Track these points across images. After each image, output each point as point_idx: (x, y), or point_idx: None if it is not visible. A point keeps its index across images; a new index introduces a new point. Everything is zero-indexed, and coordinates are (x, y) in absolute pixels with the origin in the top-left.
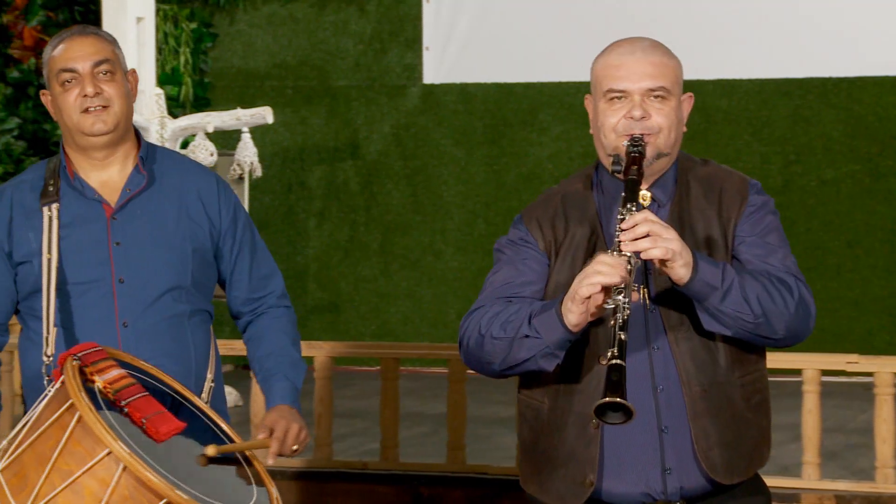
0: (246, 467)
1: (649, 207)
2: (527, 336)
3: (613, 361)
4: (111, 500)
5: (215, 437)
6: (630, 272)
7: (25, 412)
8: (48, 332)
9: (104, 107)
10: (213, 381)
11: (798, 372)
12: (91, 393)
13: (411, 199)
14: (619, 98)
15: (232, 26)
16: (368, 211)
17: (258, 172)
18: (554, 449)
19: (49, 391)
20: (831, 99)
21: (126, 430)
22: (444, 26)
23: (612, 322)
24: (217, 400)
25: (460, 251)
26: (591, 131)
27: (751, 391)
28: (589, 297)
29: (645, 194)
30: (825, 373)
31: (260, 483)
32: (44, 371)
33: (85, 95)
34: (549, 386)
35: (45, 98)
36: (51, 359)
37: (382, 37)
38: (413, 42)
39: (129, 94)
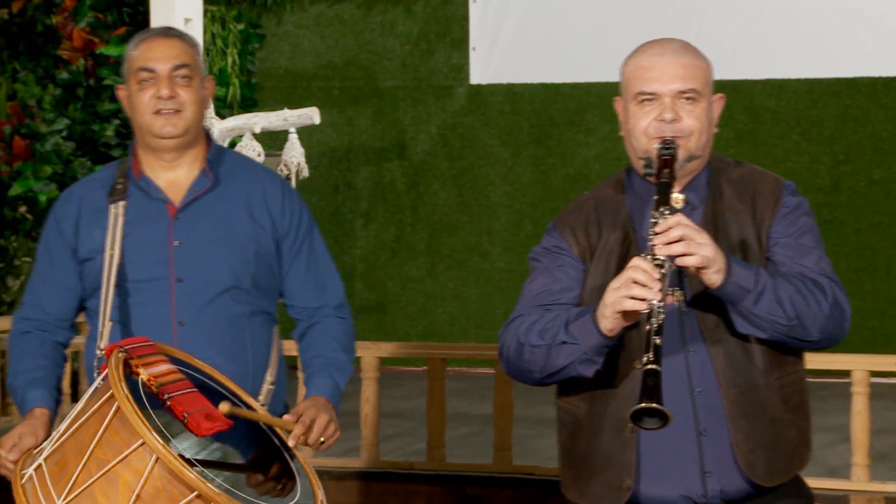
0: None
1: (682, 210)
2: (564, 342)
3: (649, 366)
4: (144, 490)
5: (264, 437)
6: (664, 276)
7: None
8: (103, 327)
9: (176, 111)
10: (272, 384)
11: (847, 373)
12: (135, 386)
13: (458, 200)
14: (649, 100)
15: (279, 27)
16: (415, 211)
17: (305, 173)
18: (591, 454)
19: (96, 383)
20: (881, 98)
21: (166, 424)
22: (491, 27)
23: (648, 327)
24: (276, 402)
25: (507, 251)
26: (621, 133)
27: (789, 393)
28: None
29: (678, 197)
30: (874, 374)
31: (307, 486)
32: (95, 364)
33: (159, 97)
34: (586, 391)
35: (122, 93)
36: (102, 352)
37: (429, 37)
38: (460, 42)
39: (203, 100)
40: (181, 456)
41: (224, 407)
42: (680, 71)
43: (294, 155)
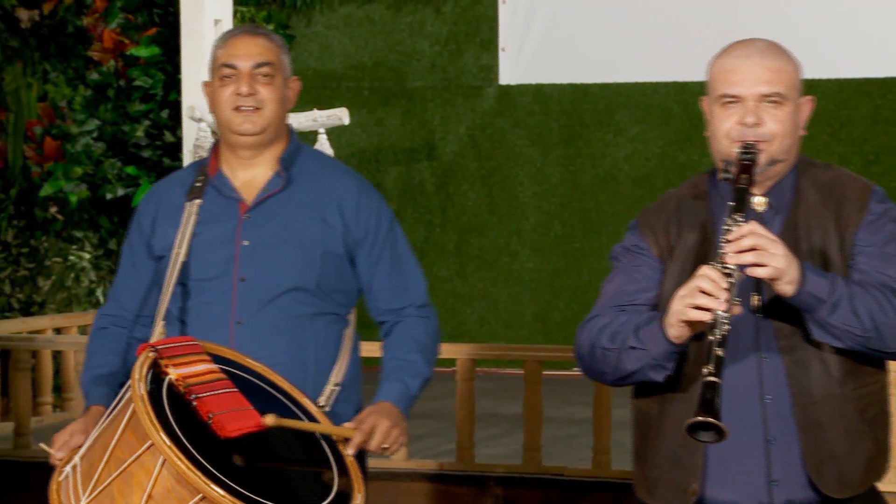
0: (335, 472)
1: (764, 214)
2: (633, 347)
3: (708, 378)
4: (155, 490)
5: (314, 439)
6: (731, 286)
7: None
8: (156, 326)
9: (256, 108)
10: (336, 385)
11: None
12: (160, 385)
13: (487, 200)
14: (732, 103)
15: (309, 28)
16: (444, 212)
17: None
18: (661, 455)
19: (128, 384)
20: None
21: (191, 425)
22: (520, 27)
23: (710, 338)
24: (343, 404)
25: (536, 252)
26: (705, 134)
27: (866, 403)
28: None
29: (761, 200)
30: None
31: (346, 489)
32: None
33: (239, 94)
34: (658, 392)
35: (207, 89)
36: None
37: (458, 38)
38: (489, 43)
39: (285, 100)
40: (195, 457)
41: (270, 419)
42: (764, 74)
43: None
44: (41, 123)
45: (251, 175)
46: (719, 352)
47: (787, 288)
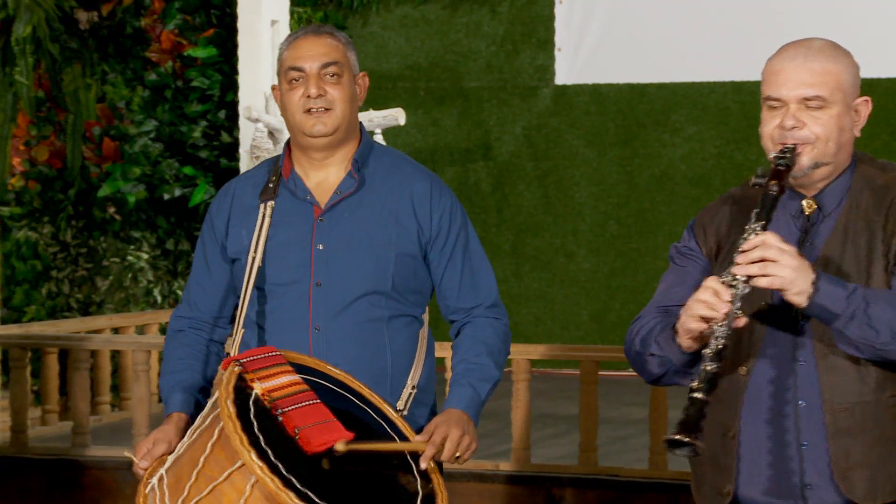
0: (418, 481)
1: (814, 217)
2: (653, 354)
3: (694, 394)
4: None
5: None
6: (736, 297)
7: None
8: (236, 333)
9: (326, 109)
10: (413, 388)
11: None
12: (247, 400)
13: (543, 201)
14: (776, 106)
15: (365, 28)
16: (500, 212)
17: None
18: (702, 457)
19: (215, 395)
20: None
21: (278, 440)
22: (577, 27)
23: (706, 351)
24: (421, 406)
25: (592, 252)
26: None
27: None
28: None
29: (810, 202)
30: None
31: (430, 493)
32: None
33: (308, 96)
34: None
35: (275, 93)
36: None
37: (514, 38)
38: (545, 43)
39: (355, 98)
40: (284, 476)
41: (340, 446)
42: (807, 77)
43: None
44: (100, 124)
45: (324, 176)
46: (710, 367)
47: (797, 299)
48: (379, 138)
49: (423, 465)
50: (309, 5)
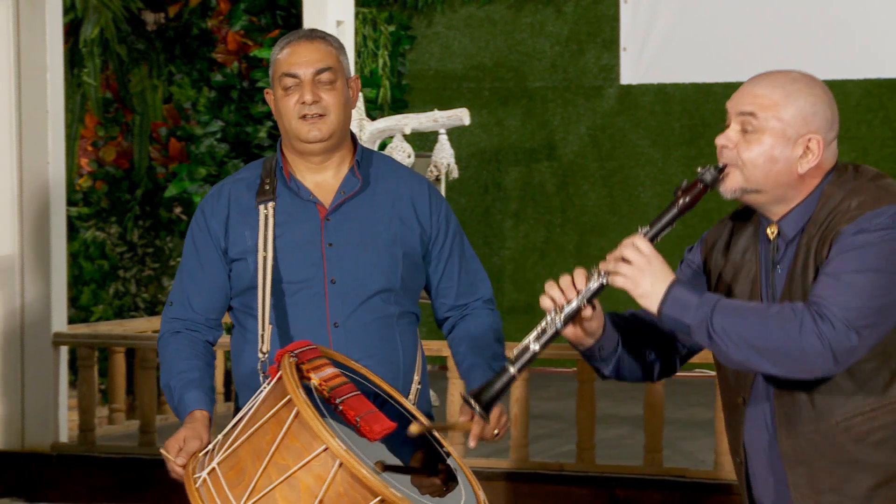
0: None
1: (776, 243)
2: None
3: (508, 367)
4: (326, 495)
5: (420, 438)
6: (590, 290)
7: (237, 408)
8: (263, 330)
9: (321, 115)
10: (419, 383)
11: None
12: (307, 390)
13: (608, 201)
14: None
15: (430, 28)
16: (564, 212)
17: (455, 174)
18: (723, 398)
19: (265, 387)
20: None
21: (340, 428)
22: (642, 26)
23: (540, 328)
24: (423, 401)
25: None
26: None
27: (865, 431)
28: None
29: (773, 228)
30: None
31: (468, 485)
32: (259, 368)
33: (303, 102)
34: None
35: (269, 98)
36: (266, 356)
37: (579, 38)
38: (610, 43)
39: (349, 102)
40: (363, 460)
41: (414, 428)
42: (748, 98)
43: (444, 156)
44: (166, 125)
45: (322, 178)
46: (532, 344)
47: (645, 303)
48: (443, 138)
49: (472, 444)
50: (374, 6)
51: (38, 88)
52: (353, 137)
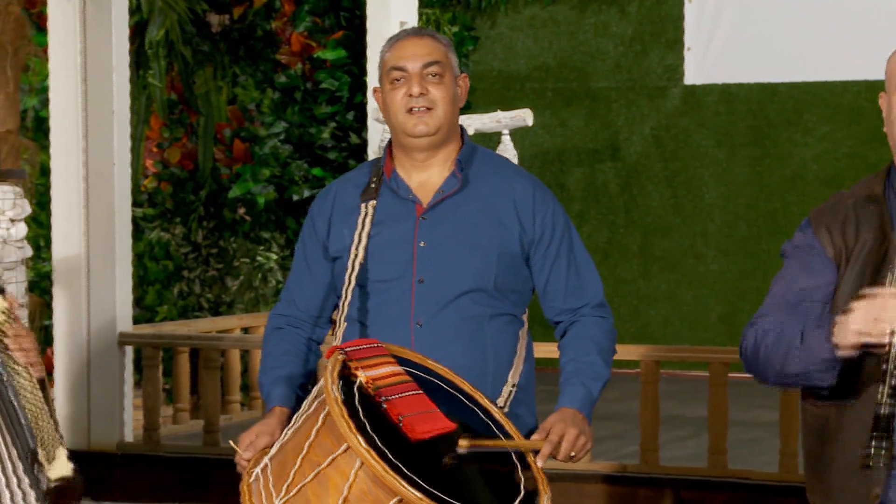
0: (520, 471)
1: None
2: (797, 352)
3: (882, 413)
4: (351, 493)
5: (492, 434)
6: None
7: None
8: (339, 327)
9: (428, 108)
10: (514, 386)
11: None
12: (352, 388)
13: (671, 201)
14: None
15: (493, 29)
16: (628, 213)
17: None
18: (842, 462)
19: (319, 385)
20: None
21: (382, 428)
22: (707, 26)
23: (885, 370)
24: (520, 405)
25: (721, 253)
26: (884, 129)
27: None
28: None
29: None
30: None
31: (533, 489)
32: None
33: (411, 95)
34: (835, 397)
35: (377, 95)
36: None
37: (643, 38)
38: (674, 43)
39: (456, 99)
40: (390, 460)
41: (463, 442)
42: None
43: (507, 156)
44: (230, 126)
45: (426, 176)
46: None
47: None
48: (506, 139)
49: (540, 463)
50: (437, 7)
51: (104, 90)
52: (463, 134)
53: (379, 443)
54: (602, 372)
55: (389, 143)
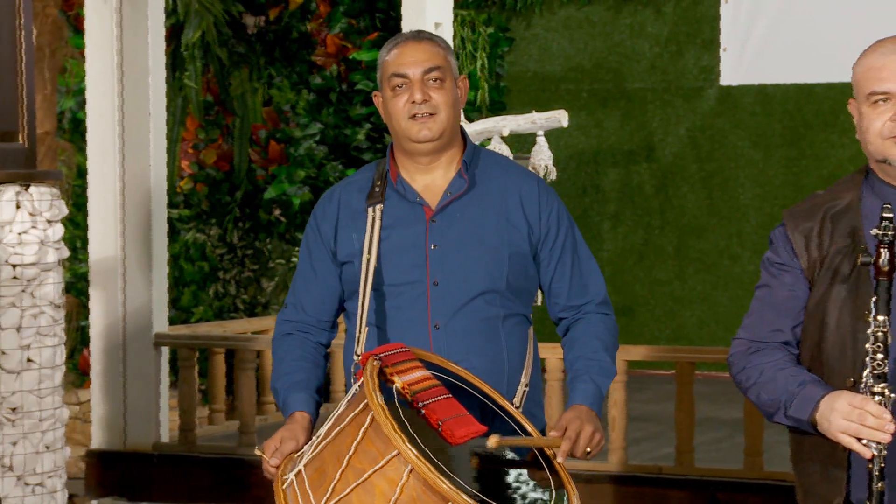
0: (548, 473)
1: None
2: (775, 412)
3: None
4: (399, 500)
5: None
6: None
7: None
8: (360, 332)
9: (431, 114)
10: (527, 386)
11: None
12: (390, 394)
13: (707, 202)
14: (882, 101)
15: (528, 30)
16: (663, 214)
17: (553, 175)
18: (813, 466)
19: (353, 390)
20: None
21: (421, 432)
22: (743, 26)
23: (870, 467)
24: (532, 404)
25: (757, 255)
26: (857, 136)
27: None
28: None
29: None
30: None
31: (560, 488)
32: (352, 370)
33: (413, 102)
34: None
35: (377, 100)
36: (360, 358)
37: (679, 38)
38: (710, 43)
39: (458, 102)
40: (437, 465)
41: (493, 441)
42: None
43: (542, 158)
44: (266, 127)
45: (430, 179)
46: (880, 486)
47: None
48: (541, 140)
49: (560, 460)
50: (472, 8)
51: (140, 92)
52: (465, 136)
53: (426, 449)
54: (610, 368)
55: (391, 147)
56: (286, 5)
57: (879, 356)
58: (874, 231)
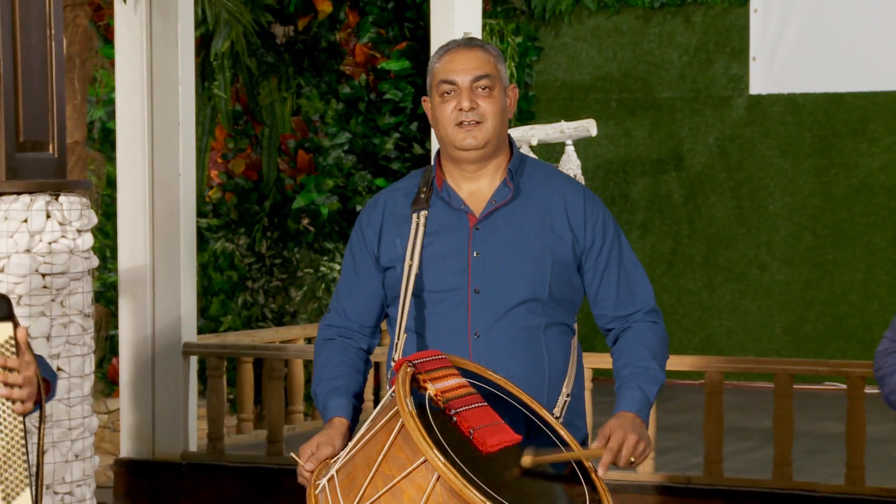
0: (585, 487)
1: None
2: None
3: None
4: None
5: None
6: None
7: None
8: (398, 338)
9: (477, 122)
10: (568, 396)
11: None
12: (422, 400)
13: (736, 211)
14: None
15: (557, 39)
16: (692, 223)
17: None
18: None
19: (386, 396)
20: None
21: (452, 440)
22: (772, 36)
23: None
24: (572, 414)
25: (786, 264)
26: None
27: None
28: None
29: None
30: None
31: (596, 500)
32: (388, 375)
33: (460, 109)
34: None
35: (426, 105)
36: (395, 363)
37: (708, 48)
38: (739, 52)
39: (505, 111)
40: (466, 473)
41: (527, 459)
42: None
43: (571, 167)
44: (294, 137)
45: (476, 187)
46: None
47: None
48: (570, 149)
49: (601, 473)
50: (501, 17)
51: (169, 101)
52: (512, 144)
53: (455, 457)
54: (658, 376)
55: (438, 154)
56: (315, 15)
57: None
58: None
